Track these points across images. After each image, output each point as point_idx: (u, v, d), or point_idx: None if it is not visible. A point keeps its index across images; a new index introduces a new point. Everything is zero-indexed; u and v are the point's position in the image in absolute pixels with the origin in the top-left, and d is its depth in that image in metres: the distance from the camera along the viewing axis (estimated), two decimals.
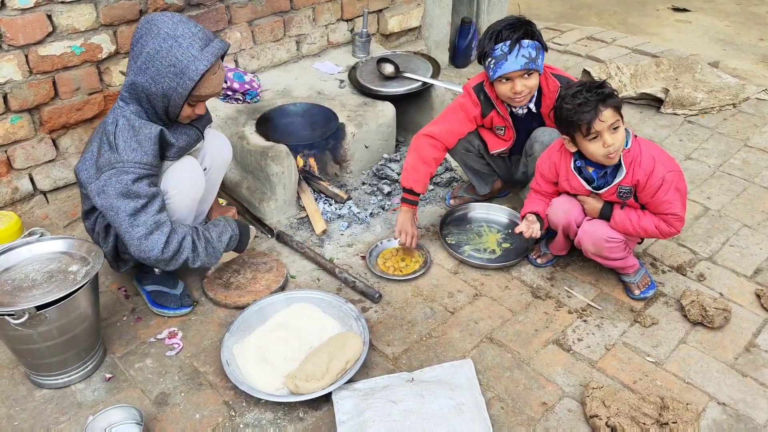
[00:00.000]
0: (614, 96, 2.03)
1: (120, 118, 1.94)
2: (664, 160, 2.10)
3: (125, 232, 1.91)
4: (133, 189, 1.89)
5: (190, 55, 1.88)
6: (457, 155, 2.65)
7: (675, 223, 2.14)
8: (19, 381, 2.01)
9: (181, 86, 1.90)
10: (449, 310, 2.31)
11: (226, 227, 2.17)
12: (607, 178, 2.16)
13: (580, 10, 6.12)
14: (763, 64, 4.84)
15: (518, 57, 2.27)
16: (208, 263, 2.09)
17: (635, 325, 2.24)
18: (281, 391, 1.95)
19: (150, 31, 1.88)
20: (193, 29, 1.90)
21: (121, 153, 1.90)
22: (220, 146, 2.34)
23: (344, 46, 3.58)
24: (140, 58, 1.90)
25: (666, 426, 1.81)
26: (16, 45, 2.39)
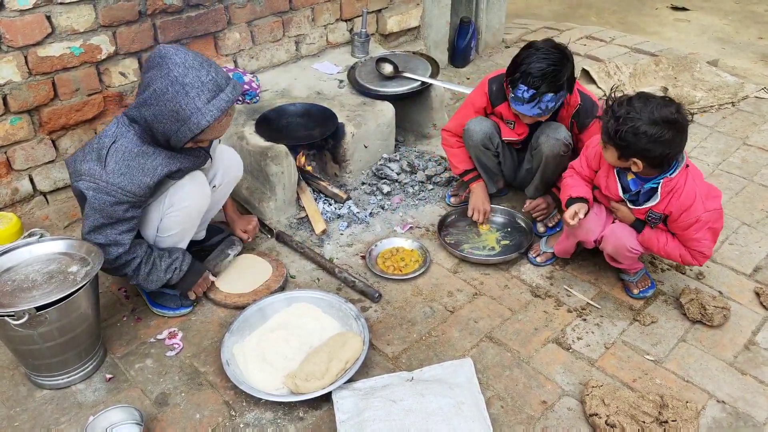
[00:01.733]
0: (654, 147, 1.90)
1: (121, 137, 1.92)
2: (706, 197, 2.00)
3: (85, 234, 1.97)
4: (108, 210, 1.91)
5: (195, 106, 1.83)
6: (473, 149, 2.65)
7: (699, 259, 2.10)
8: (19, 381, 2.02)
9: (182, 133, 1.88)
10: (449, 309, 2.31)
11: (176, 260, 2.15)
12: (640, 197, 2.10)
13: (579, 9, 6.12)
14: (762, 62, 4.84)
15: (533, 108, 2.31)
16: (145, 287, 2.13)
17: (634, 323, 2.25)
18: (281, 390, 1.95)
19: (161, 68, 1.82)
20: (203, 78, 1.83)
21: (108, 173, 1.89)
22: (231, 164, 2.34)
23: (343, 46, 3.58)
24: (146, 92, 1.85)
25: (665, 424, 1.81)
26: (15, 46, 2.39)
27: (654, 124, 1.87)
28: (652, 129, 1.87)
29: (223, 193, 2.38)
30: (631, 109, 1.91)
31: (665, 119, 1.88)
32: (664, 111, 1.88)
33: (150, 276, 2.09)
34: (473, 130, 2.59)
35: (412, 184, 2.98)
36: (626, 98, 1.96)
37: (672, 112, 1.89)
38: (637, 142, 1.90)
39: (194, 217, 2.17)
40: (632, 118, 1.90)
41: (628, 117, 1.90)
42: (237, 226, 2.49)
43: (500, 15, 4.51)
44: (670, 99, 1.96)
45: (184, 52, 1.86)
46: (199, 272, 2.24)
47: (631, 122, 1.89)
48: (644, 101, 1.92)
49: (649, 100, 1.92)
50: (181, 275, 2.16)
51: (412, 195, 2.93)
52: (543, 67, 2.23)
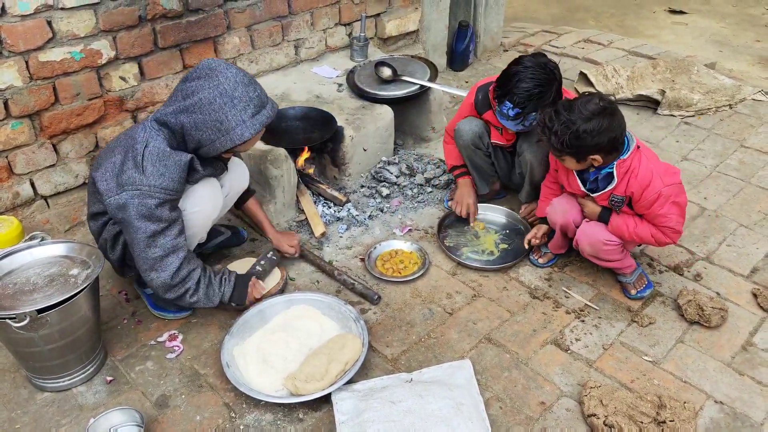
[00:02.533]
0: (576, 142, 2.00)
1: (151, 140, 1.93)
2: (663, 174, 2.07)
3: (141, 251, 1.94)
4: (155, 213, 1.91)
5: (240, 119, 1.89)
6: (465, 150, 2.69)
7: (671, 235, 2.14)
8: (20, 384, 2.02)
9: (220, 143, 1.92)
10: (448, 311, 2.32)
11: (223, 274, 2.16)
12: (599, 184, 2.17)
13: (577, 12, 6.15)
14: (759, 65, 4.87)
15: (518, 125, 2.39)
16: (203, 304, 2.10)
17: (633, 324, 2.26)
18: (281, 392, 1.96)
19: (210, 79, 1.88)
20: (251, 93, 1.91)
21: (147, 176, 1.89)
22: (240, 175, 2.36)
23: (342, 50, 3.60)
24: (190, 99, 1.89)
25: (663, 424, 1.82)
26: (16, 51, 2.41)
27: (588, 120, 1.98)
28: (589, 125, 1.98)
29: (228, 202, 2.40)
30: (562, 118, 2.01)
31: (595, 112, 1.99)
32: (590, 106, 2.00)
33: (208, 291, 2.09)
34: (463, 130, 2.63)
35: (410, 186, 3.00)
36: (552, 113, 2.05)
37: (597, 103, 2.00)
38: (584, 142, 2.00)
39: (205, 222, 2.20)
40: (568, 125, 2.00)
41: (564, 126, 2.00)
42: (283, 243, 2.48)
43: (498, 19, 4.53)
44: (589, 93, 2.08)
45: (234, 67, 1.93)
46: (246, 279, 2.24)
47: (568, 129, 2.00)
48: (568, 107, 2.03)
49: (572, 104, 2.03)
50: (233, 286, 2.17)
51: (411, 198, 2.94)
52: (529, 88, 2.26)
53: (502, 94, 2.34)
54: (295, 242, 2.50)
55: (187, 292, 2.03)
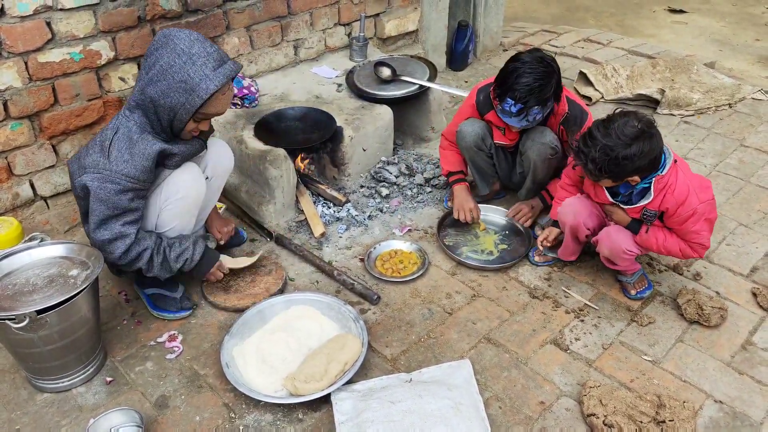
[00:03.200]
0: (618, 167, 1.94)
1: (121, 126, 1.96)
2: (698, 189, 2.03)
3: (91, 231, 1.99)
4: (113, 199, 1.93)
5: (203, 73, 1.90)
6: (467, 151, 2.68)
7: (699, 250, 2.12)
8: (20, 385, 2.03)
9: (190, 103, 1.92)
10: (447, 311, 2.32)
11: (187, 250, 2.16)
12: (633, 197, 2.12)
13: (577, 12, 6.14)
14: (758, 64, 4.86)
15: (521, 121, 2.36)
16: (161, 276, 2.13)
17: (632, 324, 2.26)
18: (281, 392, 1.96)
19: (166, 45, 1.90)
20: (208, 49, 1.92)
21: (111, 161, 1.92)
22: (222, 155, 2.35)
23: (342, 50, 3.60)
24: (152, 70, 1.91)
25: (663, 424, 1.82)
26: (15, 52, 2.41)
27: (628, 145, 1.90)
28: (629, 150, 1.90)
29: (216, 186, 2.39)
30: (599, 144, 1.93)
31: (634, 135, 1.91)
32: (628, 129, 1.91)
33: (163, 265, 2.11)
34: (465, 132, 2.62)
35: (410, 187, 3.00)
36: (586, 136, 1.97)
37: (635, 126, 1.92)
38: (625, 167, 1.94)
39: (191, 209, 2.18)
40: (606, 152, 1.91)
41: (602, 152, 1.92)
42: (214, 225, 2.50)
43: (498, 18, 4.53)
44: (624, 112, 1.98)
45: (187, 31, 1.95)
46: (213, 260, 2.26)
47: (607, 156, 1.92)
48: (604, 131, 1.93)
49: (609, 127, 1.93)
50: (193, 264, 2.18)
51: (411, 198, 2.94)
52: (529, 82, 2.25)
53: (502, 92, 2.33)
54: (225, 230, 2.50)
55: (141, 269, 2.09)
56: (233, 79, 2.00)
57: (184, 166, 2.12)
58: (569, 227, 2.32)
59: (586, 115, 2.46)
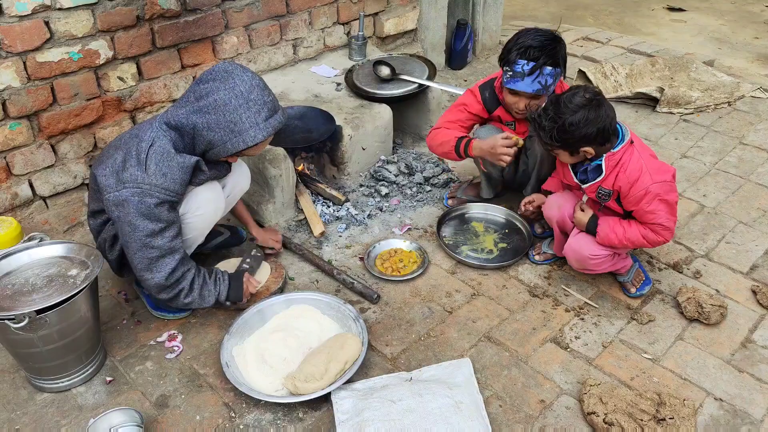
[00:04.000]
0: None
1: (158, 139, 1.94)
2: (654, 170, 2.06)
3: (138, 250, 1.94)
4: (154, 212, 1.91)
5: (254, 121, 1.91)
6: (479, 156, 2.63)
7: (662, 233, 2.11)
8: (20, 385, 2.02)
9: (232, 144, 1.93)
10: (447, 309, 2.32)
11: (216, 273, 2.16)
12: (588, 175, 2.17)
13: (576, 10, 6.14)
14: (758, 62, 4.86)
15: (534, 82, 2.31)
16: (197, 305, 2.10)
17: (632, 322, 2.26)
18: (281, 392, 1.96)
19: (226, 81, 1.89)
20: (266, 98, 1.93)
21: (150, 175, 1.90)
22: (241, 177, 2.37)
23: (341, 49, 3.59)
24: (204, 100, 1.89)
25: (663, 422, 1.82)
26: (14, 52, 2.40)
27: (575, 112, 2.00)
28: (575, 117, 2.00)
29: (229, 204, 2.40)
30: (549, 113, 2.04)
31: (580, 104, 2.00)
32: (576, 98, 2.02)
33: (203, 291, 2.09)
34: (482, 138, 2.55)
35: (409, 185, 3.00)
36: (540, 110, 2.09)
37: (582, 96, 2.02)
38: (572, 134, 2.02)
39: (207, 225, 2.20)
40: (554, 120, 2.02)
41: (551, 120, 2.03)
42: (268, 238, 2.53)
43: (497, 17, 4.53)
44: (575, 86, 2.08)
45: (250, 71, 1.95)
46: (239, 276, 2.24)
47: (555, 123, 2.02)
48: (555, 102, 2.05)
49: (559, 98, 2.05)
50: (228, 285, 2.17)
51: (410, 197, 2.94)
52: (541, 40, 2.28)
53: (513, 57, 2.30)
54: (278, 237, 2.55)
55: (181, 292, 2.03)
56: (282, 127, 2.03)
57: (209, 184, 2.13)
58: (556, 222, 2.36)
59: None
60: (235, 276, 2.23)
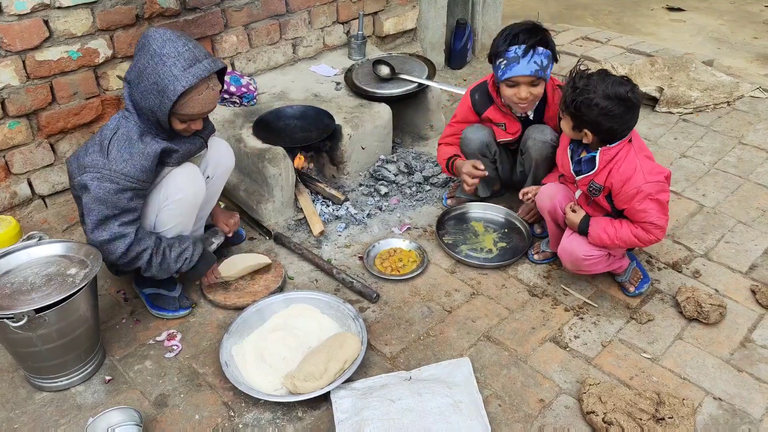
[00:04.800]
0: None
1: (121, 126, 1.96)
2: (648, 170, 2.05)
3: (89, 231, 1.98)
4: (112, 198, 1.92)
5: (171, 74, 1.87)
6: (471, 158, 2.65)
7: (654, 231, 2.10)
8: (18, 384, 2.02)
9: (163, 105, 1.90)
10: (446, 309, 2.32)
11: (187, 250, 2.16)
12: (582, 166, 2.17)
13: (576, 10, 6.14)
14: (757, 62, 4.87)
15: (530, 63, 2.30)
16: (158, 276, 2.13)
17: (631, 321, 2.26)
18: (280, 391, 1.96)
19: (143, 47, 1.90)
20: (180, 48, 1.88)
21: (111, 161, 1.92)
22: (222, 154, 2.35)
23: (340, 48, 3.59)
24: (134, 72, 1.93)
25: (662, 421, 1.82)
26: (13, 50, 2.40)
27: (607, 98, 1.98)
28: (604, 102, 1.98)
29: (217, 186, 2.39)
30: (589, 83, 2.02)
31: (618, 95, 1.98)
32: (619, 88, 1.99)
33: (162, 266, 2.10)
34: (470, 138, 2.61)
35: (409, 185, 3.00)
36: (587, 72, 2.07)
37: (626, 91, 2.00)
38: (589, 113, 2.00)
39: (190, 209, 2.18)
40: (588, 90, 2.00)
41: (585, 89, 2.01)
42: (220, 219, 2.50)
43: (496, 16, 4.53)
44: (627, 79, 2.06)
45: (164, 29, 1.92)
46: (210, 262, 2.26)
47: (586, 94, 2.00)
48: (603, 77, 2.02)
49: (608, 77, 2.02)
50: (191, 265, 2.17)
51: (410, 196, 2.94)
52: (528, 26, 2.32)
53: (503, 47, 2.32)
54: (231, 221, 2.50)
55: (140, 268, 2.08)
56: (221, 76, 2.00)
57: (184, 166, 2.12)
58: (548, 211, 2.36)
59: None
60: (206, 260, 2.23)
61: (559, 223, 2.36)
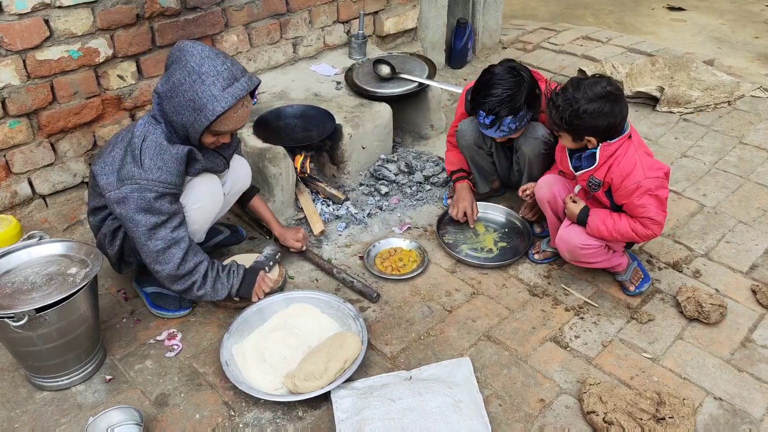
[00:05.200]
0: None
1: (149, 134, 1.94)
2: (647, 166, 2.06)
3: (143, 245, 1.95)
4: (154, 206, 1.91)
5: (210, 94, 1.87)
6: (467, 150, 2.69)
7: (651, 226, 2.11)
8: (19, 383, 2.02)
9: (198, 122, 1.91)
10: (447, 308, 2.32)
11: (232, 265, 2.17)
12: (582, 162, 2.17)
13: (576, 9, 6.14)
14: (758, 61, 4.86)
15: (498, 131, 2.39)
16: (210, 297, 2.10)
17: (632, 321, 2.26)
18: (280, 390, 1.96)
19: (179, 61, 1.89)
20: (219, 67, 1.88)
21: (146, 170, 1.90)
22: (242, 173, 2.36)
23: (341, 48, 3.59)
24: (167, 85, 1.91)
25: (663, 421, 1.82)
26: (13, 50, 2.40)
27: (591, 101, 2.00)
28: (591, 106, 2.00)
29: (230, 200, 2.40)
30: (568, 95, 2.04)
31: (599, 95, 2.00)
32: (597, 88, 2.02)
33: (216, 284, 2.10)
34: (465, 130, 2.63)
35: (409, 184, 2.99)
36: (560, 88, 2.10)
37: (603, 87, 2.02)
38: (583, 122, 2.03)
39: (206, 218, 2.19)
40: (571, 103, 2.03)
41: (567, 103, 2.03)
42: (288, 237, 2.49)
43: (497, 16, 4.52)
44: (600, 75, 2.09)
45: (200, 45, 1.92)
46: (255, 272, 2.24)
47: (570, 106, 2.03)
48: (576, 85, 2.05)
49: (581, 82, 2.05)
50: (240, 276, 2.17)
51: (410, 196, 2.94)
52: (498, 93, 2.29)
53: (475, 105, 2.39)
54: (300, 236, 2.51)
55: (194, 284, 2.05)
56: (253, 92, 1.99)
57: (206, 177, 2.12)
58: (547, 202, 2.37)
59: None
60: (250, 271, 2.23)
61: (558, 213, 2.37)
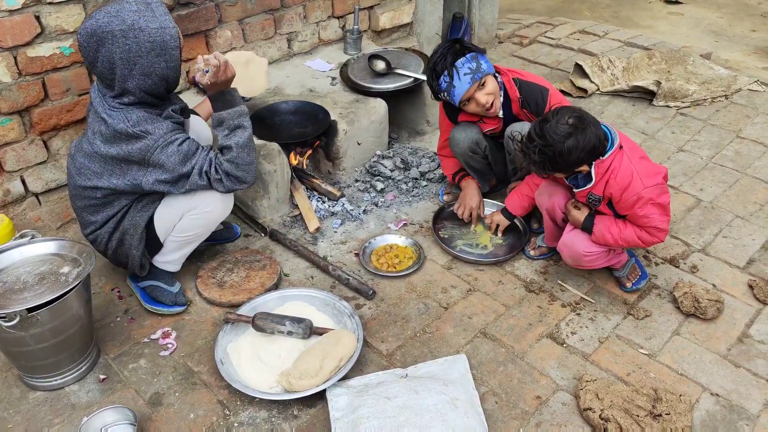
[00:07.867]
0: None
1: (131, 113, 1.93)
2: (645, 174, 2.04)
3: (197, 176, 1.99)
4: (183, 150, 1.96)
5: (158, 28, 1.88)
6: (461, 157, 2.65)
7: (657, 234, 2.10)
8: (12, 383, 2.01)
9: (172, 57, 1.93)
10: (443, 305, 2.31)
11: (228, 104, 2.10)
12: (579, 181, 2.14)
13: (573, 3, 6.12)
14: (755, 55, 4.85)
15: (462, 77, 2.34)
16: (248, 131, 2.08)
17: (628, 317, 2.25)
18: (275, 389, 1.95)
19: (105, 39, 1.86)
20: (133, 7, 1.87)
21: (153, 133, 1.93)
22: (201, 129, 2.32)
23: (336, 43, 3.57)
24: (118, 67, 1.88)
25: (659, 417, 1.82)
26: (4, 47, 2.38)
27: (564, 138, 1.96)
28: (564, 146, 1.96)
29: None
30: (537, 144, 1.99)
31: (566, 132, 1.96)
32: (560, 128, 1.96)
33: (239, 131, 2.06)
34: (457, 138, 2.59)
35: (405, 180, 2.98)
36: (525, 138, 2.06)
37: (568, 119, 1.98)
38: (565, 161, 2.00)
39: (213, 224, 2.20)
40: (546, 150, 1.98)
41: (540, 153, 1.99)
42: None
43: (493, 10, 4.50)
44: (555, 110, 2.03)
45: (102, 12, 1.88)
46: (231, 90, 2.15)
47: (545, 155, 1.99)
48: (540, 133, 1.99)
49: (543, 125, 2.00)
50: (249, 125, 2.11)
51: (406, 192, 2.93)
52: (439, 51, 2.37)
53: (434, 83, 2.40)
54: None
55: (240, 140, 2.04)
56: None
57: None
58: (546, 210, 2.35)
59: (546, 91, 2.44)
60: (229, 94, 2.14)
61: (557, 221, 2.35)
